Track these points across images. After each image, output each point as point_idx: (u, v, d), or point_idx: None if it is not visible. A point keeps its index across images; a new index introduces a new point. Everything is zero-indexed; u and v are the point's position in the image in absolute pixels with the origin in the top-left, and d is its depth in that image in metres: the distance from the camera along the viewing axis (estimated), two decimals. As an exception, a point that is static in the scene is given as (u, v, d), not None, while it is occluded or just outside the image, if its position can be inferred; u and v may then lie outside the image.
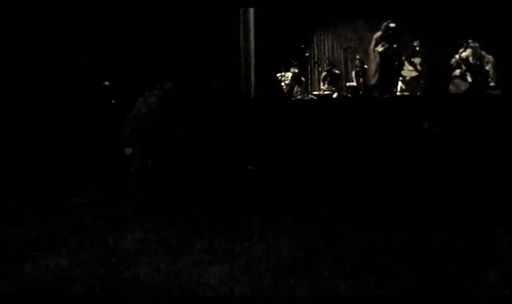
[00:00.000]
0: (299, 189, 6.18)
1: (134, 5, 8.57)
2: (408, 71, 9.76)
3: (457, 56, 9.30)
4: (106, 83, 5.48)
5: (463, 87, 8.77)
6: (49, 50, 8.09)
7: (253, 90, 9.34)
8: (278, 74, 10.55)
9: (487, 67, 8.95)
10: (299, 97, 10.44)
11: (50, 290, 3.51)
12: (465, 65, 9.14)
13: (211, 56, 9.12)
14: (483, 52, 9.12)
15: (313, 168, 6.99)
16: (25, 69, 7.97)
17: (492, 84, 8.94)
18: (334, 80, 10.82)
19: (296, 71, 10.69)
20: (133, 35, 8.47)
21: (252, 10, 10.41)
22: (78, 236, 4.57)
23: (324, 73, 10.98)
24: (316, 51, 11.94)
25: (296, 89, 10.52)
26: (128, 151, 5.49)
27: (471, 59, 9.07)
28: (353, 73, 10.96)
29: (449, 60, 9.35)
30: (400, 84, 9.75)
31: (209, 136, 7.35)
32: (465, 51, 9.21)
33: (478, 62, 9.05)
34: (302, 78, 11.04)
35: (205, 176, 6.82)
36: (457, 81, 8.96)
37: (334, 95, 10.32)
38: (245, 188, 6.34)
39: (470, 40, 9.17)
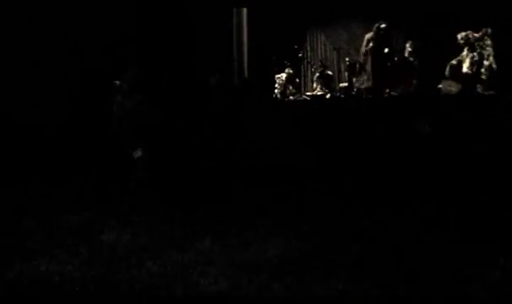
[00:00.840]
0: (292, 187, 6.24)
1: (134, 5, 8.57)
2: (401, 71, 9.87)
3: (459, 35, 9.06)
4: (118, 82, 5.49)
5: (454, 88, 8.86)
6: (49, 50, 8.05)
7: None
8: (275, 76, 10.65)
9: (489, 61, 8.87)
10: (292, 97, 10.57)
11: (50, 289, 3.54)
12: (467, 45, 8.96)
13: (207, 56, 9.17)
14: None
15: (306, 167, 7.06)
16: (25, 69, 7.92)
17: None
18: (327, 81, 10.93)
19: (291, 71, 10.80)
20: (133, 35, 8.46)
21: (245, 10, 10.52)
22: (78, 235, 4.57)
23: (317, 75, 11.09)
24: (309, 52, 12.03)
25: (290, 90, 10.63)
26: (137, 154, 5.49)
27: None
28: (346, 73, 11.09)
29: (442, 60, 9.42)
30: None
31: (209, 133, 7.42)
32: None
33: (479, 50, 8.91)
34: (297, 80, 11.16)
35: (203, 174, 6.87)
36: (449, 81, 9.07)
37: (328, 96, 10.46)
38: (241, 185, 6.38)
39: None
